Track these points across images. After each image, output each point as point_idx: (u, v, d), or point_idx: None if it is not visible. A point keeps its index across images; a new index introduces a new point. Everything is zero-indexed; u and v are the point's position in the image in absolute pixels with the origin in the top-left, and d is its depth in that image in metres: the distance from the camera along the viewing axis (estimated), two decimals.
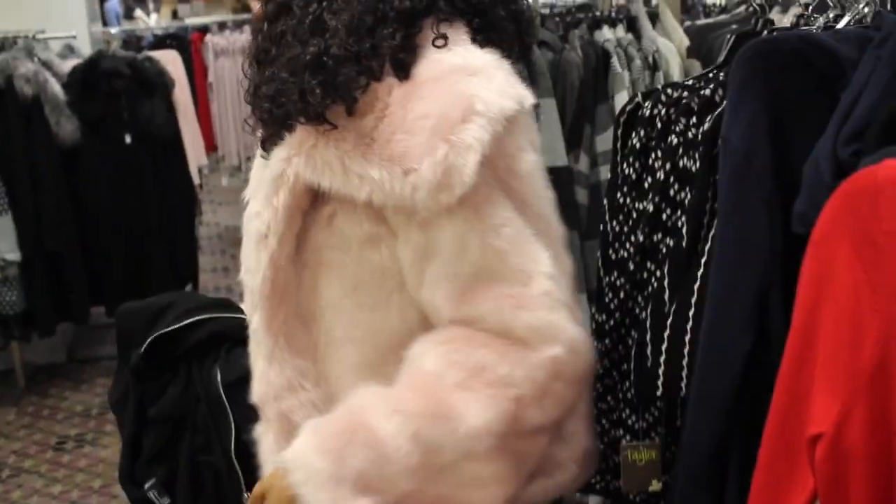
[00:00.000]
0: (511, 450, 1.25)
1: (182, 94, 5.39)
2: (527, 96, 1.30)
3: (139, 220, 5.05)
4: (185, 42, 7.07)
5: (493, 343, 1.24)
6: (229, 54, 7.15)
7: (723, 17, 3.60)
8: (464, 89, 1.24)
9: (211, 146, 6.98)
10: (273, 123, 1.33)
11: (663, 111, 1.71)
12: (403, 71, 1.27)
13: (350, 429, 1.26)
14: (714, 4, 4.06)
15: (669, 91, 1.74)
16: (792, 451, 1.11)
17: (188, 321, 1.76)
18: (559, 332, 1.24)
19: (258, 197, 1.37)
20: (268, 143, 1.36)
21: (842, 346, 1.05)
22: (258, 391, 1.43)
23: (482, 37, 1.35)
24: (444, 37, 1.30)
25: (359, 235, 1.32)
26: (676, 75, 3.06)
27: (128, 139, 4.98)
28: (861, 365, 1.03)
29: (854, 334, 1.04)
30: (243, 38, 7.21)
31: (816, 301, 1.08)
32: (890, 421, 1.03)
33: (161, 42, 6.76)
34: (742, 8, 3.42)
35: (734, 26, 3.25)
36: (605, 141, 2.94)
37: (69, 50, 5.36)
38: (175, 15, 14.32)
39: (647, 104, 1.76)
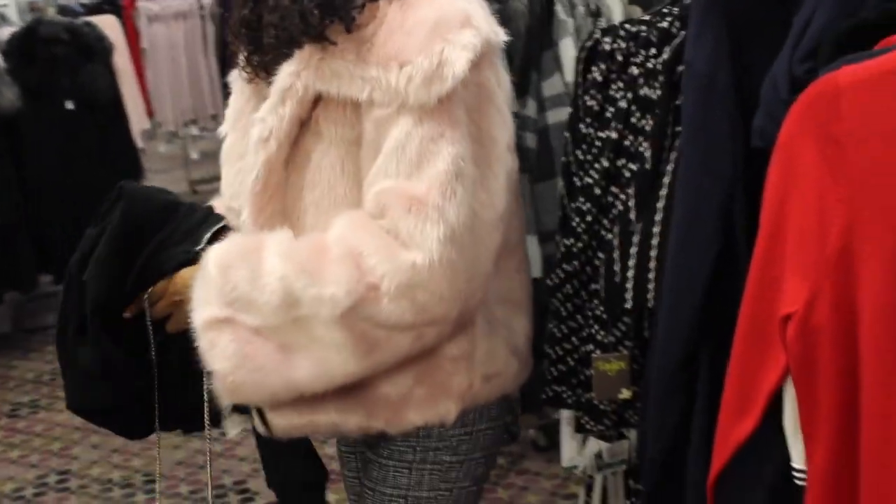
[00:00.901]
0: (358, 330, 1.35)
1: (121, 60, 5.38)
2: (500, 34, 1.45)
3: (84, 185, 5.02)
4: (118, 8, 7.01)
5: (378, 236, 1.35)
6: (162, 20, 7.11)
7: None
8: (461, 7, 1.38)
9: (147, 113, 6.95)
10: (279, 46, 1.45)
11: (623, 45, 1.82)
12: None
13: (247, 251, 1.42)
14: None
15: (627, 26, 1.85)
16: (765, 332, 1.23)
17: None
18: (428, 243, 1.33)
19: (266, 105, 1.48)
20: (272, 64, 1.47)
21: (809, 236, 1.17)
22: None
23: None
24: None
25: (348, 137, 1.44)
26: (618, 21, 3.16)
27: (69, 105, 4.96)
28: (827, 251, 1.15)
29: (820, 225, 1.16)
30: (176, 3, 7.18)
31: (784, 197, 1.20)
32: (854, 301, 1.15)
33: (97, 8, 6.69)
34: None
35: None
36: (551, 86, 3.04)
37: (1, 19, 5.31)
38: None
39: (606, 39, 1.86)
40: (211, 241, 1.53)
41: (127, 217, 1.56)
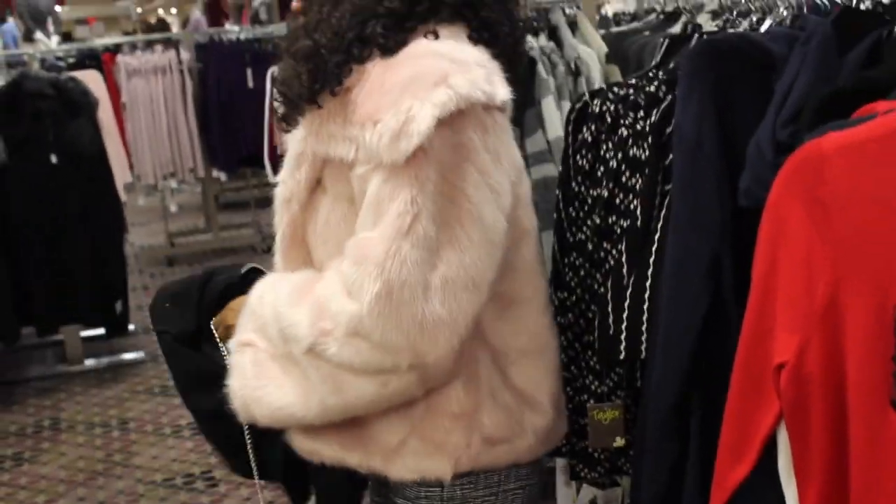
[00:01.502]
0: (323, 369, 1.44)
1: (105, 114, 5.45)
2: (498, 95, 1.44)
3: (67, 239, 5.08)
4: (99, 63, 7.07)
5: (338, 283, 1.42)
6: (142, 74, 7.18)
7: (635, 24, 3.84)
8: (442, 67, 1.40)
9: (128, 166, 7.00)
10: (287, 104, 1.56)
11: (612, 107, 1.91)
12: (388, 53, 1.46)
13: (274, 283, 1.57)
14: (624, 13, 4.30)
15: (615, 89, 1.95)
16: (759, 380, 1.31)
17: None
18: (363, 296, 1.37)
19: (286, 167, 1.59)
20: (289, 121, 1.57)
21: (798, 290, 1.25)
22: None
23: (477, 35, 1.52)
24: (436, 34, 1.48)
25: (348, 194, 1.50)
26: (597, 79, 3.25)
27: (53, 159, 5.03)
28: (815, 304, 1.24)
29: (808, 279, 1.24)
30: (155, 58, 7.25)
31: (774, 254, 1.28)
32: (842, 351, 1.23)
33: (80, 63, 6.77)
34: (652, 16, 3.67)
35: (647, 33, 3.49)
36: (534, 143, 3.12)
37: None
38: (69, 37, 14.12)
39: (595, 102, 1.95)
40: (252, 273, 1.67)
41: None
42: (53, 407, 5.16)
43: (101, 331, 5.56)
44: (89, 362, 5.66)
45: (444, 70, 1.39)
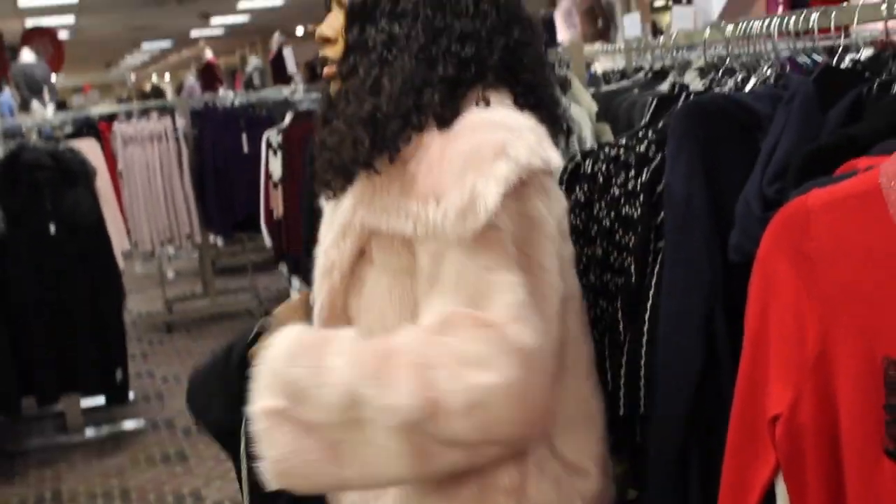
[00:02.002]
0: (415, 441, 1.35)
1: (102, 182, 5.50)
2: (553, 159, 1.46)
3: (67, 308, 5.10)
4: (96, 131, 7.14)
5: (448, 354, 1.34)
6: (137, 142, 7.24)
7: (624, 82, 3.91)
8: (498, 138, 1.41)
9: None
10: (335, 171, 1.54)
11: (603, 167, 1.96)
12: (445, 125, 1.46)
13: (314, 345, 1.44)
14: (613, 71, 4.37)
15: (606, 149, 2.00)
16: (755, 433, 1.33)
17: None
18: (502, 367, 1.32)
19: (329, 236, 1.58)
20: (334, 189, 1.56)
21: (789, 343, 1.28)
22: None
23: (523, 100, 1.55)
24: (487, 101, 1.50)
25: (395, 266, 1.49)
26: (589, 138, 3.31)
27: (52, 229, 5.06)
28: (806, 356, 1.27)
29: (798, 332, 1.27)
30: (150, 125, 7.32)
31: (765, 308, 1.32)
32: (834, 401, 1.26)
33: (78, 131, 6.84)
34: (641, 74, 3.74)
35: (636, 91, 3.55)
36: None
37: None
38: (64, 105, 14.26)
39: (587, 162, 2.00)
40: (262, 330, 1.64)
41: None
42: (55, 478, 5.14)
43: (100, 400, 5.56)
44: (90, 432, 5.65)
45: (500, 141, 1.40)
